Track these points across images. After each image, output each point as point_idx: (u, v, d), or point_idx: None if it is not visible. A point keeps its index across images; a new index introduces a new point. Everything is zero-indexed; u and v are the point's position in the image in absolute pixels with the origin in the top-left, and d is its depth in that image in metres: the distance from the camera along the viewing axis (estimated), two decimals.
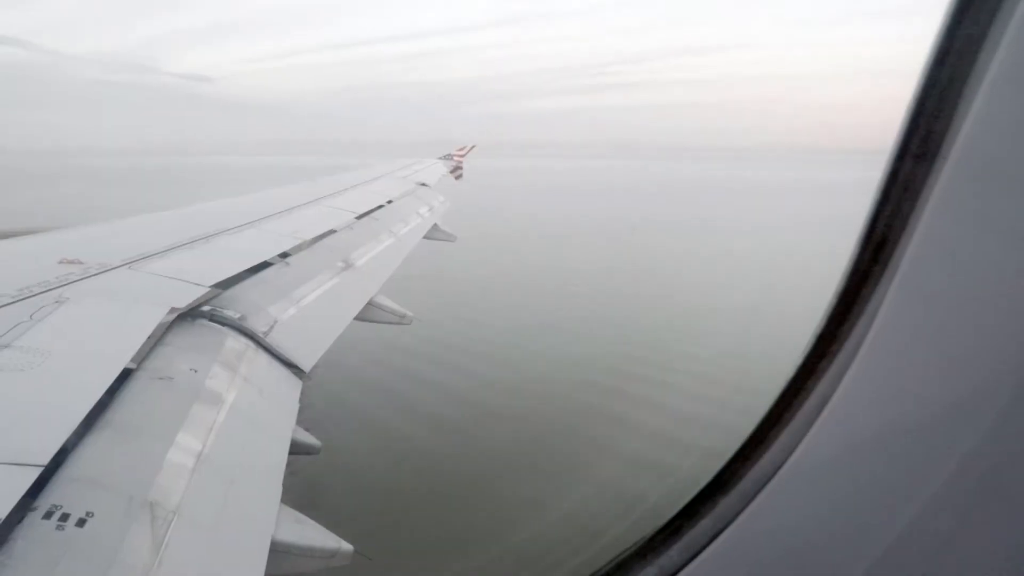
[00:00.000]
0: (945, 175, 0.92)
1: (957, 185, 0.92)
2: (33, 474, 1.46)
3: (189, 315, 2.68)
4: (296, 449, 2.26)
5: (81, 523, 1.39)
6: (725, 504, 1.19)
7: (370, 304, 4.05)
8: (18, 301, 2.43)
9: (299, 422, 2.41)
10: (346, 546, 2.01)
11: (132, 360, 2.16)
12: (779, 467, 1.11)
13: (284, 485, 1.97)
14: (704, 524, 1.20)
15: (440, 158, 13.79)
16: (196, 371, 2.26)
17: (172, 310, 2.59)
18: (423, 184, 9.36)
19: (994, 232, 0.91)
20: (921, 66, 0.99)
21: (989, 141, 0.89)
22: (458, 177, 13.51)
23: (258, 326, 2.83)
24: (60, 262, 2.94)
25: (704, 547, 1.16)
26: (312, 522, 1.97)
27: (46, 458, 1.53)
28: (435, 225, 7.57)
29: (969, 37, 0.92)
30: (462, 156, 14.56)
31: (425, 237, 7.06)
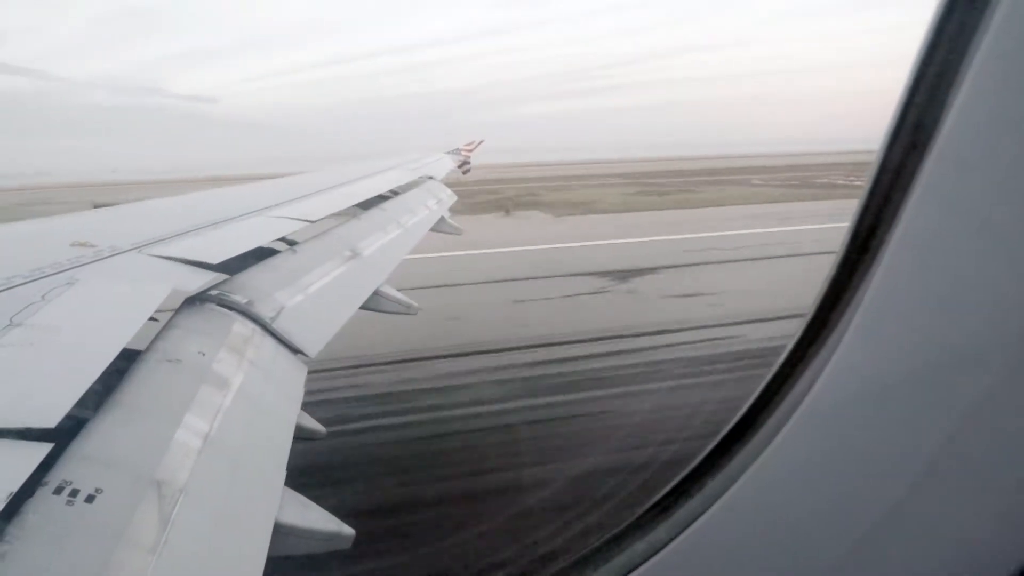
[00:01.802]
0: (928, 165, 0.95)
1: (939, 176, 0.95)
2: (44, 450, 1.49)
3: (198, 299, 2.72)
4: (300, 434, 2.28)
5: (90, 499, 1.42)
6: (713, 484, 1.23)
7: (376, 294, 4.08)
8: (30, 282, 2.46)
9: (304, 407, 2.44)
10: (348, 530, 2.03)
11: (143, 342, 2.19)
12: (762, 450, 1.14)
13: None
14: (693, 503, 1.24)
15: (448, 153, 13.75)
16: (204, 354, 2.28)
17: (180, 293, 2.62)
18: (430, 177, 9.37)
19: (973, 223, 0.94)
20: (914, 54, 1.01)
21: (970, 132, 0.91)
22: (465, 172, 13.48)
23: (265, 311, 2.85)
24: (71, 245, 2.97)
25: (691, 523, 1.19)
26: (315, 506, 1.99)
27: (55, 421, 1.56)
28: (442, 218, 7.59)
29: (961, 25, 0.94)
30: (470, 151, 14.52)
31: (432, 229, 7.08)
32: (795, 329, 1.22)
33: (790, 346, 1.21)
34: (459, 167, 12.82)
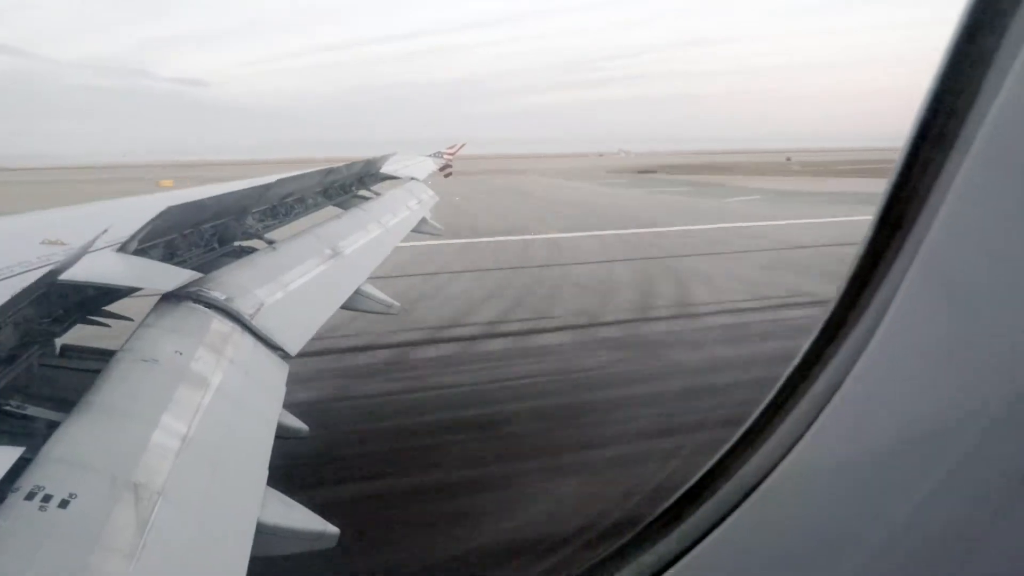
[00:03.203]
0: (969, 161, 0.90)
1: (982, 173, 0.90)
2: (15, 454, 1.43)
3: (174, 296, 2.64)
4: (282, 433, 2.24)
5: (64, 504, 1.37)
6: (727, 491, 1.18)
7: (357, 293, 4.04)
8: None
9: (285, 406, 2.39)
10: (332, 529, 2.00)
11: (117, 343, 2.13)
12: (784, 455, 1.09)
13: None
14: (705, 510, 1.19)
15: (430, 156, 13.81)
16: (181, 353, 2.22)
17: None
18: (412, 178, 9.36)
19: (1018, 223, 0.89)
20: (945, 46, 0.96)
21: (1017, 128, 0.86)
22: (447, 175, 13.58)
23: (244, 308, 2.79)
24: (42, 243, 2.88)
25: (705, 535, 1.15)
26: (298, 505, 1.95)
27: None
28: (423, 219, 7.60)
29: (999, 15, 0.89)
30: (452, 155, 14.67)
31: (413, 230, 7.08)
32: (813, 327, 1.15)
33: (807, 345, 1.15)
34: (441, 170, 12.88)
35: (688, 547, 1.16)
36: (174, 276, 2.76)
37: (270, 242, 4.08)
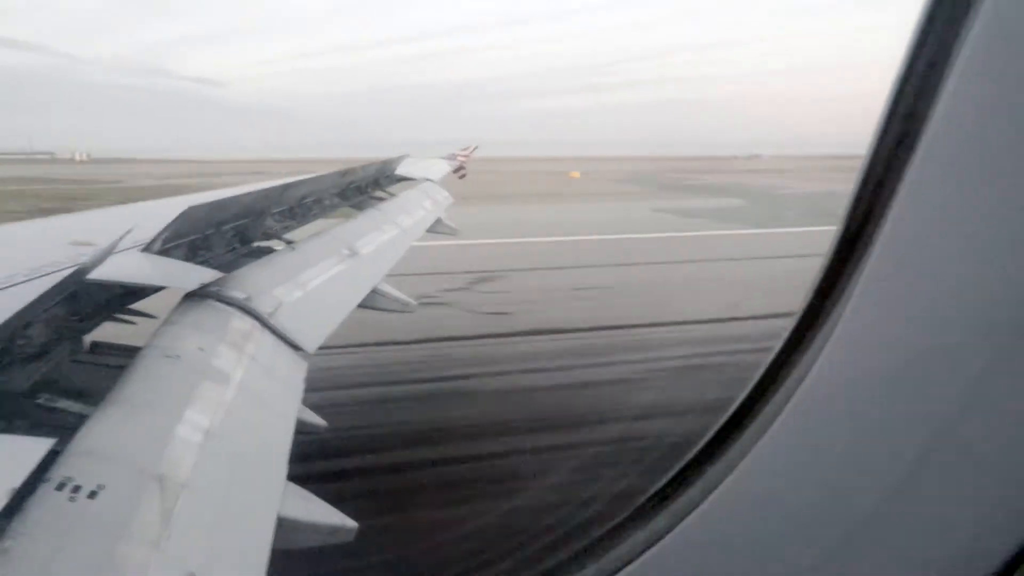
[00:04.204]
0: (914, 167, 0.96)
1: (925, 176, 0.96)
2: (46, 446, 1.49)
3: (197, 295, 2.71)
4: (301, 428, 2.28)
5: (92, 495, 1.42)
6: (710, 474, 1.24)
7: (374, 291, 4.09)
8: (30, 280, 2.46)
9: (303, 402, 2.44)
10: (350, 523, 2.03)
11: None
12: (756, 442, 1.16)
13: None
14: (691, 493, 1.26)
15: (444, 157, 13.88)
16: (203, 350, 2.28)
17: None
18: (427, 179, 9.41)
19: (957, 223, 0.95)
20: (902, 55, 1.02)
21: (954, 133, 0.93)
22: (461, 177, 13.64)
23: (263, 307, 2.85)
24: (71, 244, 2.97)
25: (688, 513, 1.22)
26: (317, 499, 1.99)
27: None
28: (439, 219, 7.64)
29: (946, 26, 0.94)
30: (466, 156, 14.69)
31: (428, 230, 7.13)
32: (788, 323, 1.24)
33: (785, 337, 1.23)
34: (455, 172, 12.95)
35: (674, 525, 1.22)
36: (196, 275, 2.83)
37: (289, 242, 4.15)
